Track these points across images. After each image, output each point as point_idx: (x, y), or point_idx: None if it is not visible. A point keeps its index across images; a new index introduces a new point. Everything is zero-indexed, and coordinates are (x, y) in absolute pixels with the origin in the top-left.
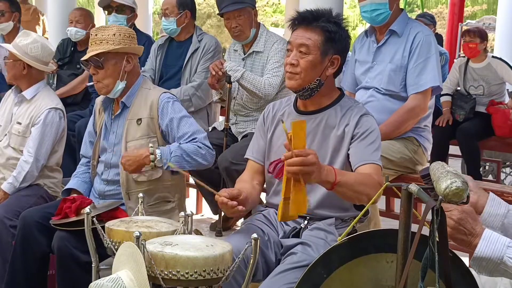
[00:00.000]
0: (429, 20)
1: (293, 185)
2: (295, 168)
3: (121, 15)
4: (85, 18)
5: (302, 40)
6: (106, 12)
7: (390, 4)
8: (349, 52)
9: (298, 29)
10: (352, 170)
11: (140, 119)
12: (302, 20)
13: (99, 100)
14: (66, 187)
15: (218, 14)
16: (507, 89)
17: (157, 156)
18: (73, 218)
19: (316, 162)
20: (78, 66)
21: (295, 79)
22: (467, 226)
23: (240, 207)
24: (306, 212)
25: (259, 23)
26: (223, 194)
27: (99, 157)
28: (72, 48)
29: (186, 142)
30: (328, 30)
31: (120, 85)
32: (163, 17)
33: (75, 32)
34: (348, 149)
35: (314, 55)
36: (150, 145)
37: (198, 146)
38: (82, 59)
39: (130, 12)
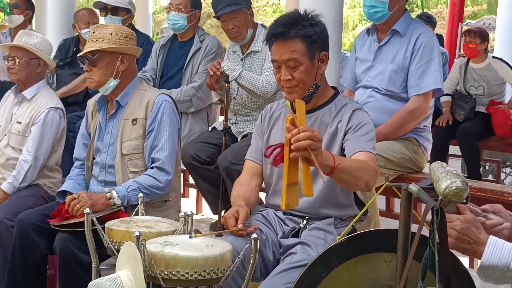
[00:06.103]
0: (427, 20)
1: (302, 166)
2: (303, 142)
3: (116, 16)
4: (92, 17)
5: (287, 55)
6: (103, 13)
7: (390, 5)
8: (346, 52)
9: (277, 44)
10: None
11: (135, 119)
12: (279, 35)
13: (91, 102)
14: (60, 189)
15: (214, 17)
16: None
17: (113, 195)
18: (74, 220)
19: (322, 139)
20: (80, 66)
21: (296, 91)
22: (471, 235)
23: (255, 226)
24: (313, 196)
25: (256, 23)
26: (239, 228)
27: (94, 158)
28: (75, 49)
29: (150, 167)
30: (307, 35)
31: (112, 82)
32: (172, 12)
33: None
34: (342, 144)
35: (304, 63)
36: (106, 189)
37: (154, 178)
38: (78, 55)
39: (125, 13)
